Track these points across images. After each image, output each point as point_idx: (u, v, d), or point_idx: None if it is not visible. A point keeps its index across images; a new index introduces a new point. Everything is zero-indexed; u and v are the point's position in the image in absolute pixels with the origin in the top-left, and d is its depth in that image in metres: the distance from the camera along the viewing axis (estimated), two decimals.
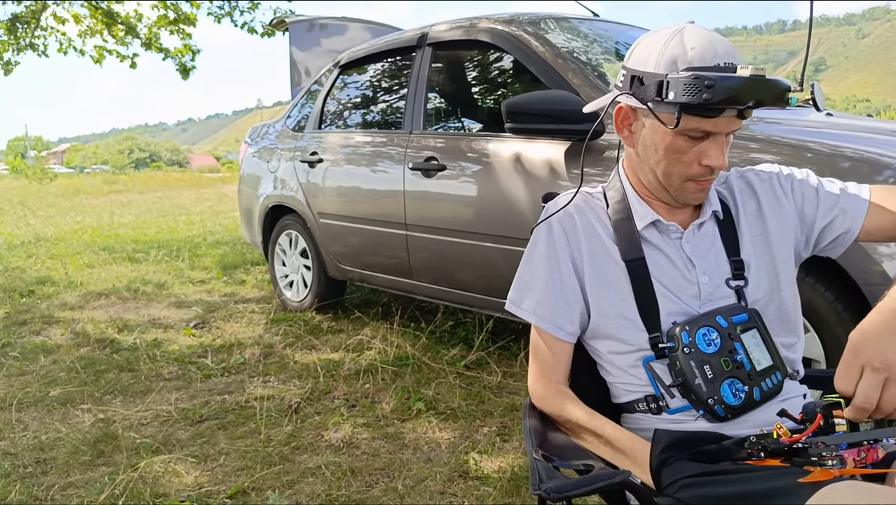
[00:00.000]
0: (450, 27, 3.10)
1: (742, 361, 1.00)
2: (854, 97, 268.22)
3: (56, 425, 2.43)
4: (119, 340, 3.49)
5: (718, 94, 0.91)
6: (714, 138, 0.99)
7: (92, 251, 6.66)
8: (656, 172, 1.06)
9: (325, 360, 3.10)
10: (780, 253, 1.10)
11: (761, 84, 0.93)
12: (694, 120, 0.97)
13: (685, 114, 0.95)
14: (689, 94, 0.93)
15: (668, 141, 1.01)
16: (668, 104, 0.96)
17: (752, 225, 1.11)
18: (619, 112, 1.08)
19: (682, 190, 1.05)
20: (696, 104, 0.93)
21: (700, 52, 0.95)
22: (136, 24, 9.45)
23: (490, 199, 2.69)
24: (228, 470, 2.09)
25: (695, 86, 0.92)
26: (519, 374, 2.86)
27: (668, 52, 0.97)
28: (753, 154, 1.95)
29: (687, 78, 0.93)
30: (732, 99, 0.92)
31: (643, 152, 1.07)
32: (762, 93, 0.93)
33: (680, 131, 0.99)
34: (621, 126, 1.09)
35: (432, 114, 3.18)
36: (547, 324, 1.11)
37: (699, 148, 1.00)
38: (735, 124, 0.99)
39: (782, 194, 1.12)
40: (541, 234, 1.13)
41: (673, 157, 1.02)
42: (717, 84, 0.91)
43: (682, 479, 0.93)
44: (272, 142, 4.15)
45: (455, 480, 2.00)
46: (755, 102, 0.93)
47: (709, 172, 1.02)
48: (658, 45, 0.99)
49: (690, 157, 1.01)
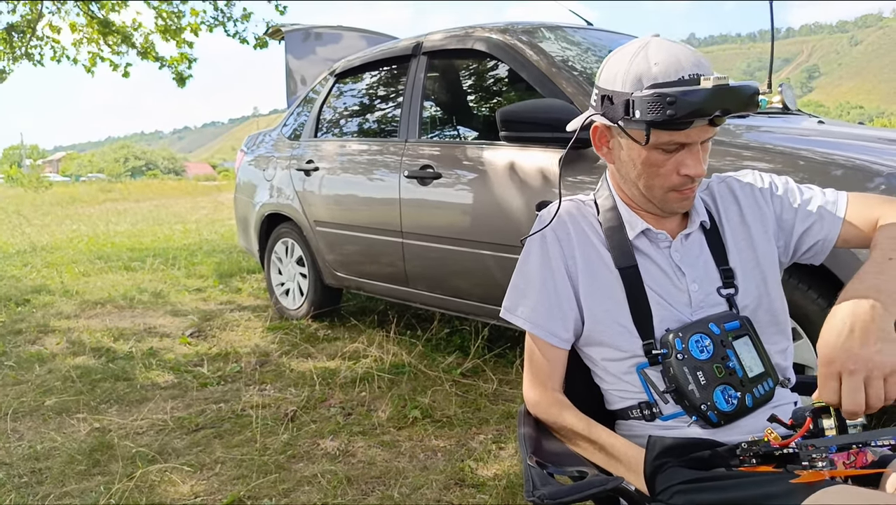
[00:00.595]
0: (444, 36, 3.12)
1: (734, 367, 1.01)
2: (847, 104, 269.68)
3: (51, 435, 2.42)
4: (115, 349, 3.48)
5: (682, 109, 0.93)
6: (689, 148, 1.00)
7: (88, 260, 6.65)
8: (638, 186, 1.08)
9: (321, 368, 3.10)
10: (764, 257, 1.11)
11: (725, 93, 0.94)
12: (664, 134, 0.98)
13: (654, 129, 0.97)
14: (653, 112, 0.94)
15: (643, 156, 1.03)
16: (636, 122, 0.98)
17: (736, 231, 1.12)
18: (595, 131, 1.10)
19: (666, 200, 1.06)
20: (662, 121, 0.94)
21: (663, 67, 0.96)
22: (132, 34, 9.47)
23: (485, 206, 2.70)
24: (224, 479, 2.08)
25: (657, 103, 0.94)
26: (515, 381, 2.87)
27: (633, 70, 0.99)
28: (747, 162, 1.96)
29: (649, 96, 0.95)
30: (697, 112, 0.93)
31: (622, 168, 1.09)
32: (727, 102, 0.94)
33: (653, 146, 1.00)
34: (599, 144, 1.11)
35: (427, 122, 3.19)
36: (541, 331, 1.12)
37: (675, 159, 1.01)
38: (708, 132, 1.00)
39: (762, 200, 1.13)
40: (534, 242, 1.14)
41: (651, 170, 1.03)
42: (678, 99, 0.92)
43: (675, 485, 0.94)
44: (268, 150, 4.16)
45: (451, 488, 2.00)
46: (722, 111, 0.94)
47: (689, 181, 1.03)
48: (623, 63, 1.01)
49: (668, 169, 1.02)
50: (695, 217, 1.11)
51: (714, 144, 2.08)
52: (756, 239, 1.12)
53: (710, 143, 1.03)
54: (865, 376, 0.80)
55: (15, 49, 9.15)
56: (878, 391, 0.79)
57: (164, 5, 9.12)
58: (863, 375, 0.80)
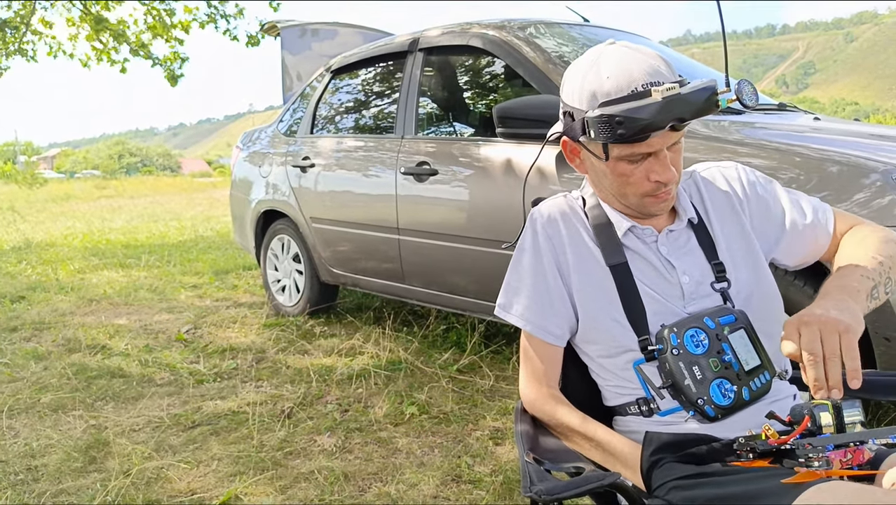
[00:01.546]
0: (441, 32, 3.12)
1: (730, 361, 1.01)
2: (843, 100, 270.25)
3: (47, 432, 2.42)
4: (111, 346, 3.47)
5: (631, 128, 0.93)
6: (656, 155, 1.00)
7: (83, 257, 6.63)
8: (614, 195, 1.09)
9: (317, 364, 3.10)
10: (753, 247, 1.12)
11: (676, 104, 0.93)
12: (625, 147, 0.99)
13: (613, 144, 0.98)
14: (605, 133, 0.95)
15: (611, 167, 1.03)
16: (594, 140, 0.98)
17: (725, 222, 1.13)
18: (564, 145, 1.10)
19: (643, 206, 1.07)
20: (615, 140, 0.95)
21: (615, 82, 0.96)
22: (125, 31, 9.44)
23: (481, 203, 2.70)
24: (221, 475, 2.08)
25: (606, 124, 0.94)
26: (511, 377, 2.87)
27: (586, 87, 0.99)
28: (742, 159, 1.96)
29: (598, 117, 0.95)
30: (647, 127, 0.93)
31: (595, 178, 1.10)
32: (679, 111, 0.93)
33: (618, 158, 1.01)
34: (571, 157, 1.11)
35: (424, 119, 3.19)
36: (535, 328, 1.12)
37: (644, 167, 1.01)
38: (671, 138, 0.99)
39: (747, 199, 1.15)
40: (526, 240, 1.15)
41: (621, 179, 1.04)
42: (626, 118, 0.93)
43: (672, 480, 0.94)
44: (264, 147, 4.15)
45: (448, 484, 2.01)
46: (676, 121, 0.94)
47: (662, 186, 1.03)
48: (578, 78, 1.01)
49: (638, 177, 1.02)
50: (682, 214, 1.11)
51: (709, 141, 2.09)
52: (745, 229, 1.13)
53: (681, 144, 1.03)
54: (820, 329, 0.84)
55: (8, 45, 9.10)
56: (832, 345, 0.83)
57: (157, 3, 9.09)
58: (817, 327, 0.85)
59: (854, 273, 0.99)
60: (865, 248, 1.05)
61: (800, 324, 0.86)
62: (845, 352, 0.83)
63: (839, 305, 0.89)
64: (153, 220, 11.32)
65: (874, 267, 1.00)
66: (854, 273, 0.99)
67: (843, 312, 0.88)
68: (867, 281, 0.98)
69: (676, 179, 1.03)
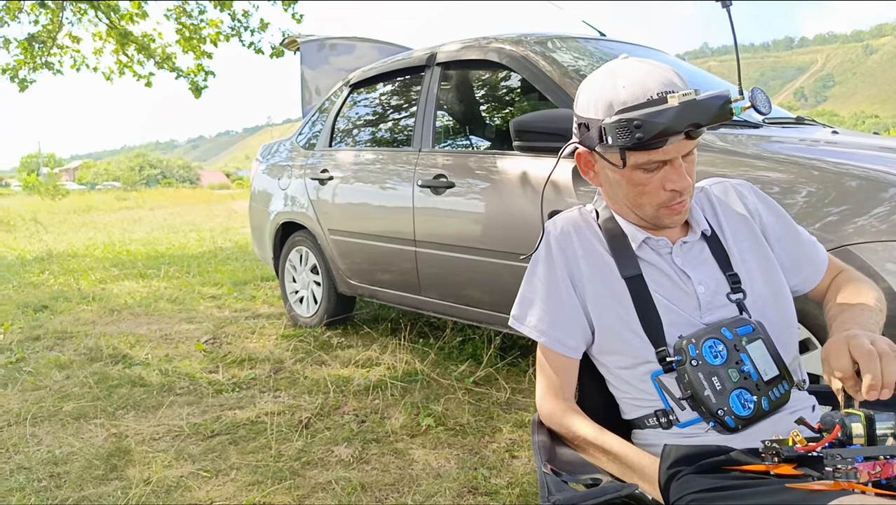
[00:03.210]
0: (458, 47, 3.15)
1: (749, 371, 1.02)
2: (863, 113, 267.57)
3: (69, 440, 2.46)
4: (131, 356, 3.52)
5: (649, 132, 0.95)
6: (671, 164, 1.02)
7: (104, 267, 6.73)
8: (629, 206, 1.10)
9: (334, 375, 3.12)
10: (767, 256, 1.14)
11: (692, 109, 0.95)
12: (641, 155, 1.00)
13: (630, 151, 0.99)
14: (623, 137, 0.97)
15: (627, 177, 1.05)
16: (611, 147, 1.00)
17: (738, 234, 1.15)
18: (579, 158, 1.12)
19: (657, 217, 1.08)
20: (633, 144, 0.97)
21: (631, 91, 0.98)
22: (150, 44, 9.61)
23: (498, 215, 2.72)
24: (240, 484, 2.10)
25: (625, 129, 0.96)
26: (527, 390, 2.87)
27: (602, 97, 1.01)
28: (760, 172, 1.96)
29: (616, 122, 0.97)
30: (664, 132, 0.95)
31: (610, 190, 1.12)
32: (695, 116, 0.95)
33: (634, 167, 1.02)
34: (585, 169, 1.13)
35: (441, 132, 3.22)
36: (549, 340, 1.13)
37: (659, 176, 1.03)
38: (686, 147, 1.01)
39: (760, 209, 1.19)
40: (540, 253, 1.16)
41: (636, 189, 1.05)
42: (644, 122, 0.95)
43: (690, 493, 0.94)
44: (283, 159, 4.20)
45: (464, 496, 2.01)
46: (692, 126, 0.96)
47: (677, 196, 1.04)
48: (594, 90, 1.04)
49: (653, 186, 1.04)
50: (695, 227, 1.13)
51: (726, 155, 2.09)
52: (759, 240, 1.14)
53: (694, 154, 1.05)
54: (869, 337, 0.86)
55: (35, 58, 9.31)
56: (884, 347, 0.84)
57: (184, 18, 9.26)
58: (866, 337, 0.86)
59: (864, 312, 1.04)
60: (865, 297, 1.10)
61: (847, 339, 0.88)
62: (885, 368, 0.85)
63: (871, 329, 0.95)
64: (173, 231, 11.45)
65: (875, 314, 1.05)
66: (864, 312, 1.04)
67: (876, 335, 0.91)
68: (874, 325, 1.02)
69: (691, 189, 1.04)
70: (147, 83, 9.92)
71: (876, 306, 1.06)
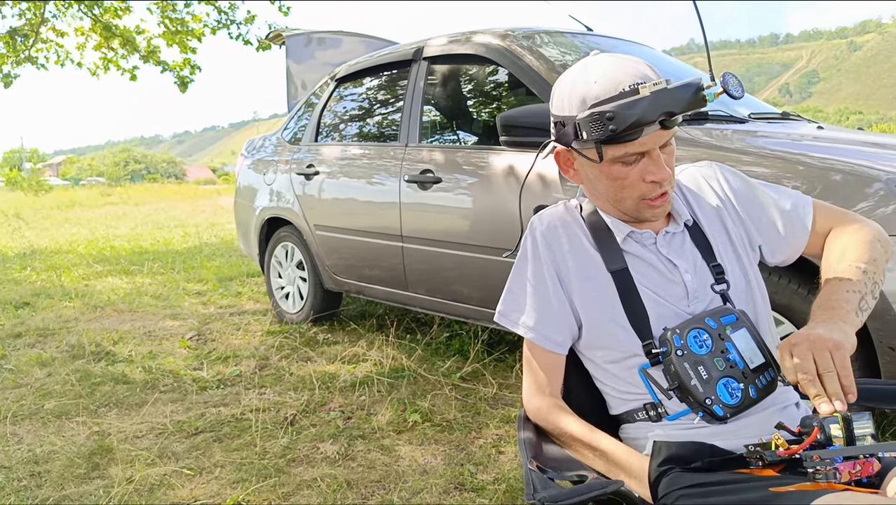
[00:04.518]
0: (445, 41, 3.13)
1: (735, 360, 1.02)
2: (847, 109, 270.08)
3: (51, 438, 2.42)
4: (114, 353, 3.48)
5: (622, 123, 0.95)
6: (649, 155, 1.02)
7: (87, 263, 6.66)
8: (610, 201, 1.09)
9: (320, 372, 3.10)
10: (736, 245, 1.13)
11: (664, 97, 0.95)
12: (618, 148, 1.00)
13: (606, 145, 0.99)
14: (597, 131, 0.97)
15: (605, 172, 1.04)
16: (586, 142, 1.00)
17: (713, 222, 1.14)
18: (558, 156, 1.12)
19: (639, 211, 1.07)
20: (608, 137, 0.96)
21: (602, 85, 0.98)
22: (135, 38, 9.51)
23: (485, 211, 2.71)
24: (224, 482, 2.08)
25: (598, 122, 0.97)
26: (514, 385, 2.87)
27: (575, 93, 1.01)
28: (745, 167, 1.97)
29: (588, 116, 0.97)
30: (637, 122, 0.95)
31: (591, 186, 1.11)
32: (667, 105, 0.96)
33: (611, 160, 1.02)
34: (565, 168, 1.13)
35: (428, 127, 3.20)
36: (536, 336, 1.13)
37: (638, 168, 1.02)
38: (662, 137, 1.01)
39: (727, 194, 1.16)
40: (526, 248, 1.15)
41: (616, 183, 1.05)
42: (617, 114, 0.95)
43: (680, 489, 0.94)
44: (269, 154, 4.17)
45: (451, 492, 2.00)
46: (665, 115, 0.96)
47: (657, 188, 1.04)
48: (567, 87, 1.04)
49: (633, 179, 1.03)
50: (678, 218, 1.12)
51: (712, 150, 2.09)
52: (728, 229, 1.14)
53: (672, 145, 1.04)
54: (810, 348, 0.86)
55: (18, 53, 9.18)
56: (825, 361, 0.85)
57: (168, 12, 9.17)
58: (807, 347, 0.87)
59: (839, 289, 1.00)
60: (849, 258, 1.05)
61: (790, 346, 0.89)
62: (838, 369, 0.85)
63: (828, 325, 0.92)
64: (158, 227, 11.35)
65: (859, 278, 1.01)
66: (839, 289, 1.00)
67: (832, 331, 0.90)
68: (854, 295, 0.99)
69: (671, 181, 1.04)
70: (132, 77, 9.81)
71: (858, 267, 1.03)
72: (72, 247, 8.23)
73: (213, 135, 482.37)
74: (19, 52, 9.21)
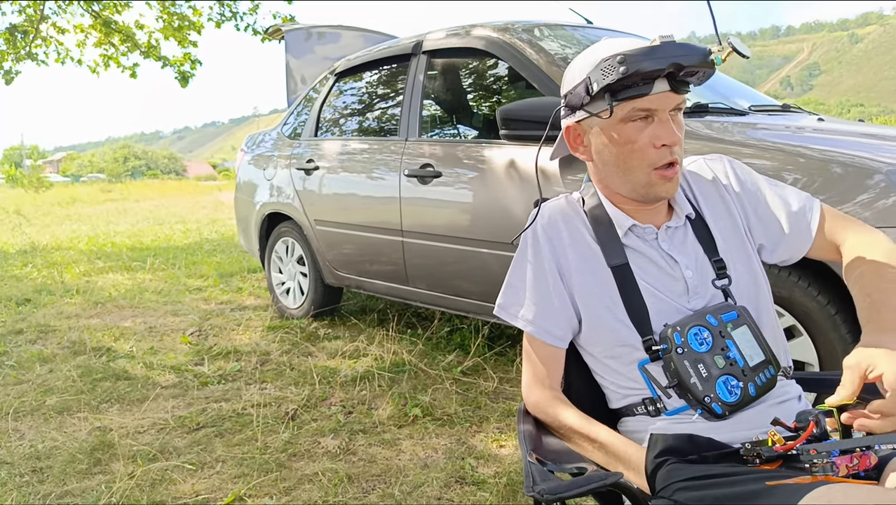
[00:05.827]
0: (445, 35, 3.12)
1: (735, 357, 1.02)
2: (848, 102, 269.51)
3: (52, 434, 2.43)
4: (116, 349, 3.48)
5: (632, 65, 0.95)
6: (658, 118, 1.02)
7: (88, 260, 6.66)
8: (620, 172, 1.08)
9: (321, 367, 3.10)
10: (744, 240, 1.13)
11: (674, 48, 0.96)
12: (628, 104, 1.00)
13: (616, 101, 1.00)
14: (607, 76, 0.97)
15: (616, 134, 1.04)
16: (598, 99, 1.01)
17: (718, 217, 1.14)
18: (568, 132, 1.12)
19: (650, 184, 1.06)
20: (618, 84, 0.97)
21: (612, 50, 1.01)
22: (135, 34, 9.49)
23: (485, 205, 2.70)
24: (225, 477, 2.09)
25: (608, 66, 0.97)
26: (515, 379, 2.87)
27: (587, 63, 1.04)
28: (745, 159, 1.96)
29: (599, 64, 0.99)
30: (648, 67, 0.95)
31: (600, 158, 1.10)
32: (677, 55, 0.96)
33: (621, 119, 1.02)
34: (575, 145, 1.13)
35: (428, 121, 3.20)
36: (536, 329, 1.12)
37: (648, 132, 1.02)
38: (673, 99, 1.01)
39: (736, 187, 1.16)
40: (527, 241, 1.15)
41: (626, 148, 1.04)
42: (627, 57, 0.96)
43: (677, 481, 0.94)
44: (268, 149, 4.16)
45: (452, 486, 2.01)
46: (675, 66, 0.96)
47: (668, 154, 1.03)
48: (576, 66, 1.07)
49: (643, 143, 1.03)
50: (679, 211, 1.12)
51: (712, 143, 2.09)
52: (736, 223, 1.13)
53: (681, 116, 1.05)
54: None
55: (19, 49, 9.17)
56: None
57: (169, 6, 9.15)
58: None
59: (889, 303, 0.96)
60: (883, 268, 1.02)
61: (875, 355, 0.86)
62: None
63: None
64: (158, 223, 11.35)
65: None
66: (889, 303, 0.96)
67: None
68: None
69: (681, 151, 1.04)
70: (132, 74, 9.80)
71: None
72: (72, 243, 8.23)
73: (213, 130, 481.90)
74: (19, 48, 9.19)
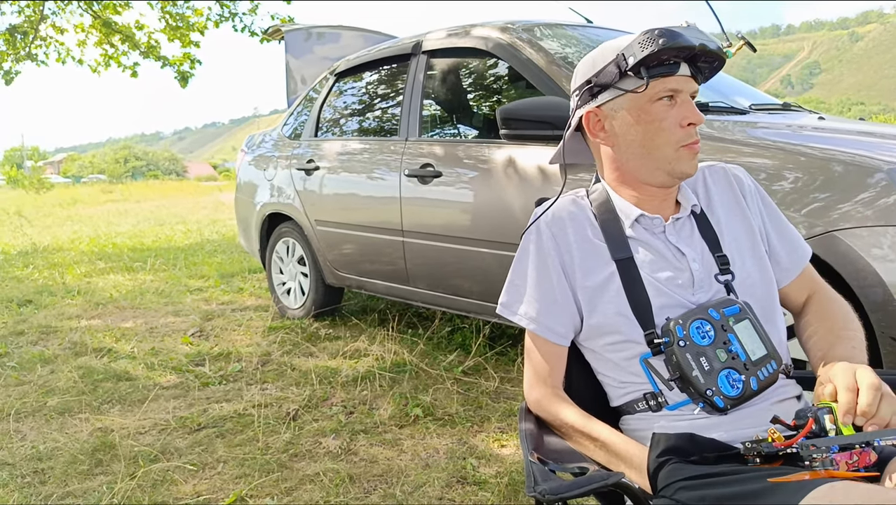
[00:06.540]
0: (445, 35, 3.12)
1: (737, 351, 1.02)
2: (849, 100, 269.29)
3: (54, 435, 2.43)
4: (117, 350, 3.49)
5: (670, 39, 1.00)
6: (681, 100, 1.06)
7: (89, 261, 6.66)
8: (645, 152, 1.09)
9: (322, 367, 3.10)
10: (756, 241, 1.14)
11: (698, 32, 1.05)
12: (658, 83, 1.04)
13: (652, 77, 1.04)
14: (646, 47, 1.01)
15: (643, 114, 1.07)
16: (630, 76, 1.05)
17: (731, 215, 1.15)
18: (587, 119, 1.13)
19: (678, 159, 1.08)
20: (653, 58, 1.02)
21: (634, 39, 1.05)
22: (135, 34, 9.50)
23: (486, 204, 2.70)
24: (226, 478, 2.09)
25: (648, 38, 1.02)
26: (516, 379, 2.87)
27: (609, 50, 1.08)
28: (746, 158, 1.96)
29: (639, 36, 1.03)
30: (683, 40, 1.01)
31: (625, 140, 1.10)
32: (702, 37, 1.04)
33: (650, 98, 1.05)
34: (595, 131, 1.13)
35: (428, 121, 3.20)
36: (538, 327, 1.12)
37: (674, 113, 1.06)
38: (692, 84, 1.07)
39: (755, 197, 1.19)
40: (530, 239, 1.15)
41: (654, 126, 1.06)
42: (665, 31, 1.01)
43: (679, 480, 0.94)
44: (269, 150, 4.16)
45: (453, 486, 2.01)
46: (702, 47, 1.02)
47: (694, 133, 1.07)
48: (594, 55, 1.10)
49: (670, 123, 1.06)
50: (685, 203, 1.13)
51: (713, 141, 2.08)
52: (751, 224, 1.14)
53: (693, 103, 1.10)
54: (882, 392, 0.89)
55: (18, 50, 9.17)
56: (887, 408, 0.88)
57: (169, 6, 9.16)
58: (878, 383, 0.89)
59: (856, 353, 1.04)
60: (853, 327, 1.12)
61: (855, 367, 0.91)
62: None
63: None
64: (159, 223, 11.36)
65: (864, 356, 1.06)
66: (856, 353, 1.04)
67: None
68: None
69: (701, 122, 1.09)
70: (132, 73, 9.80)
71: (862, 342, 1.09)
72: (73, 244, 8.23)
73: (213, 131, 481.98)
74: (19, 49, 9.20)
